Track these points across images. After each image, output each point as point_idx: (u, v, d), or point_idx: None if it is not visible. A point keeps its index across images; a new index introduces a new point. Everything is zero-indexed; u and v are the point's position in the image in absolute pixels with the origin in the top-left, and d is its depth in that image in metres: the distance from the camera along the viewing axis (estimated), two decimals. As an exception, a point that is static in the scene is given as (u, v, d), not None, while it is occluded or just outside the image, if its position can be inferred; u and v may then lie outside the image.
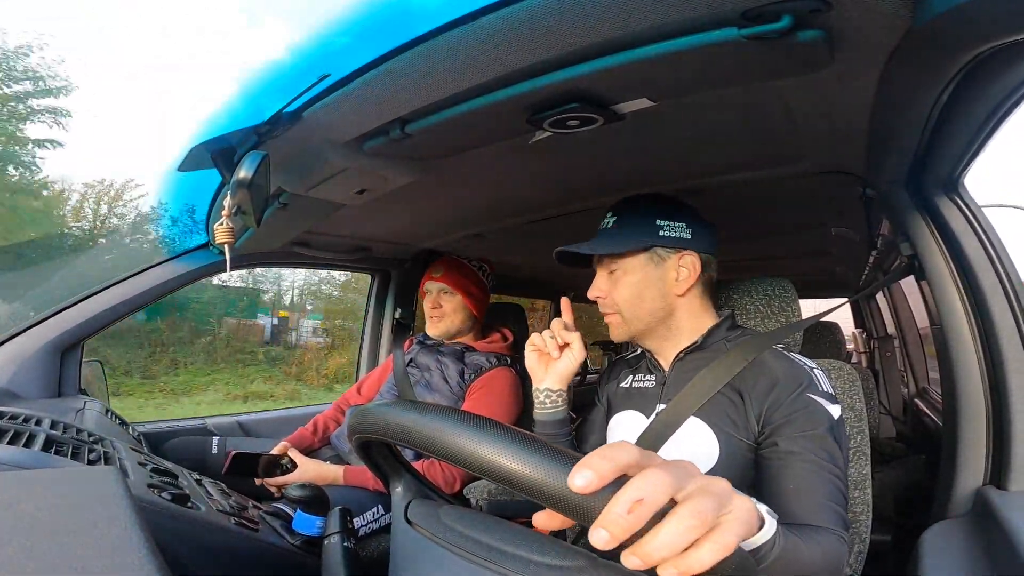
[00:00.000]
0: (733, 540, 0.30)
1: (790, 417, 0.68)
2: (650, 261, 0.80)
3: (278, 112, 0.75)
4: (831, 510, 0.61)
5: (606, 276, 0.84)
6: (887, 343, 2.87)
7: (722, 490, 0.32)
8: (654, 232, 0.79)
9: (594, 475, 0.28)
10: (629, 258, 0.81)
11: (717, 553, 0.29)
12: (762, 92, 0.70)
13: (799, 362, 0.74)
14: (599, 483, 0.28)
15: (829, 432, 0.66)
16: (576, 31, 0.53)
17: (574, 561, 0.38)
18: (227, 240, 0.82)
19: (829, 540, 0.58)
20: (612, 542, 0.27)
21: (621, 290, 0.82)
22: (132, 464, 0.73)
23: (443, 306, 1.40)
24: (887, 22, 0.49)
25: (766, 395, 0.71)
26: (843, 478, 0.64)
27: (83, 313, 1.22)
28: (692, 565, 0.29)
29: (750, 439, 0.71)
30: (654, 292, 0.80)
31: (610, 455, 0.29)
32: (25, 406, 0.88)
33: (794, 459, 0.65)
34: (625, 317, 0.82)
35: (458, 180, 1.11)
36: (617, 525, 0.27)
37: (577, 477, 0.28)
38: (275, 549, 0.75)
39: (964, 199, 0.81)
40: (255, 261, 1.58)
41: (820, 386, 0.70)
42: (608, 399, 0.93)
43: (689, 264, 0.80)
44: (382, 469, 0.57)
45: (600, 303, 0.85)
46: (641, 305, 0.81)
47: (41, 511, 0.42)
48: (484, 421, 0.35)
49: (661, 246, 0.80)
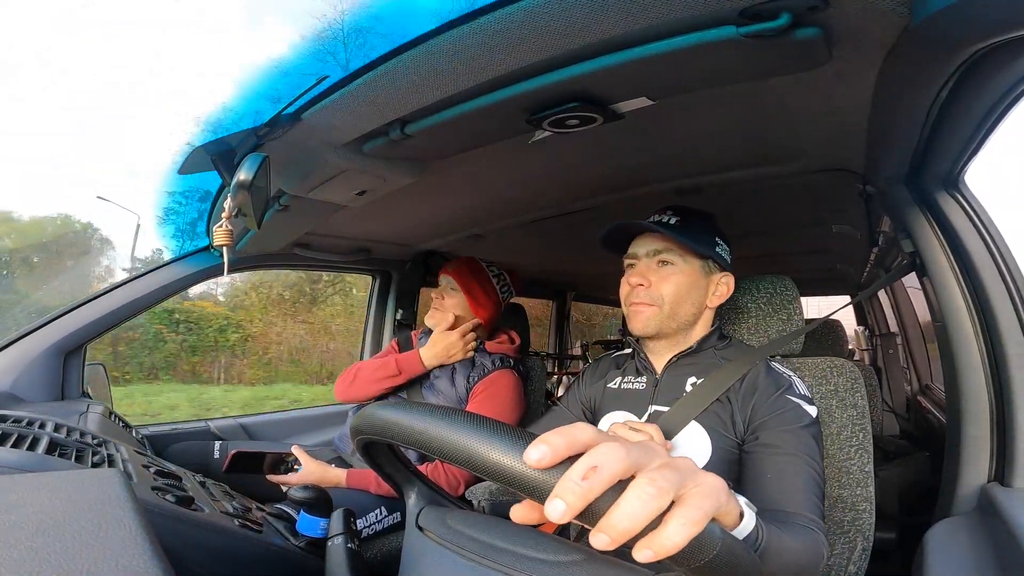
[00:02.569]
0: (700, 515, 0.29)
1: (771, 415, 0.73)
2: (703, 269, 0.84)
3: (277, 114, 0.76)
4: (808, 499, 0.64)
5: (654, 266, 0.84)
6: (889, 340, 2.86)
7: (685, 465, 0.32)
8: (713, 246, 0.84)
9: (548, 449, 0.28)
10: (688, 258, 0.82)
11: (687, 528, 0.28)
12: (761, 90, 0.70)
13: (779, 371, 0.80)
14: (553, 458, 0.28)
15: (806, 429, 0.71)
16: (575, 31, 0.53)
17: (571, 556, 0.39)
18: (226, 243, 0.83)
19: (808, 533, 0.60)
20: (568, 512, 0.27)
21: (669, 284, 0.82)
22: (136, 467, 0.73)
23: (444, 300, 1.39)
24: (885, 20, 0.49)
25: (750, 399, 0.76)
26: (820, 472, 0.68)
27: (85, 316, 1.22)
28: (664, 543, 0.28)
29: (737, 439, 0.76)
30: (695, 298, 0.83)
31: (566, 432, 0.30)
32: (28, 409, 0.89)
33: (774, 451, 0.70)
34: (665, 311, 0.83)
35: (458, 180, 1.11)
36: (571, 492, 0.27)
37: (532, 451, 0.29)
38: (279, 551, 0.75)
39: (965, 195, 0.81)
40: (255, 263, 1.58)
41: (797, 389, 0.76)
42: (594, 399, 0.94)
43: (726, 284, 0.86)
44: (394, 479, 0.58)
45: (638, 292, 0.83)
46: (682, 305, 0.83)
47: (45, 514, 0.42)
48: (450, 411, 0.36)
49: (715, 260, 0.84)
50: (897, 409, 2.49)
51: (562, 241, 1.76)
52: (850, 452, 0.86)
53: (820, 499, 0.66)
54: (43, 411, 0.85)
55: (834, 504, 0.85)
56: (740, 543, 0.33)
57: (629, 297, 0.85)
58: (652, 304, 0.83)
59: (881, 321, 3.14)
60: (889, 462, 1.63)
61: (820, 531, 0.61)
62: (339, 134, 0.81)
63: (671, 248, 0.82)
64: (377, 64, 0.64)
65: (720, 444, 0.76)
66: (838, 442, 0.87)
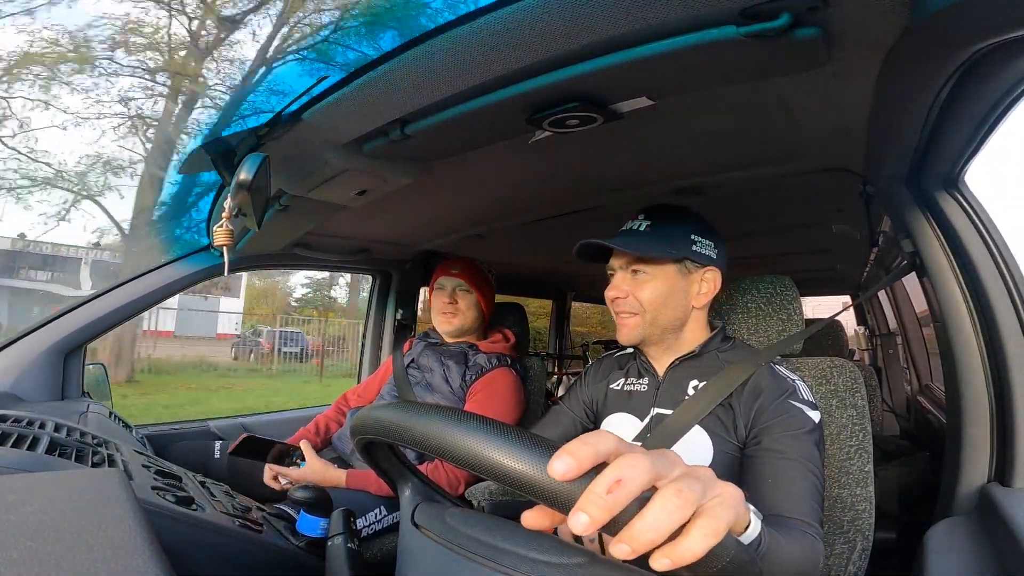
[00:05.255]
0: (722, 525, 0.29)
1: (774, 419, 0.73)
2: (679, 271, 0.82)
3: (277, 114, 0.76)
4: (808, 504, 0.65)
5: (628, 277, 0.84)
6: (890, 340, 2.86)
7: (706, 475, 0.32)
8: (688, 245, 0.82)
9: (574, 461, 0.28)
10: (661, 264, 0.82)
11: (707, 539, 0.28)
12: (761, 90, 0.70)
13: (784, 375, 0.79)
14: (578, 470, 0.28)
15: (809, 435, 0.71)
16: (575, 31, 0.53)
17: (574, 558, 0.39)
18: (227, 242, 0.83)
19: (806, 539, 0.60)
20: (592, 525, 0.27)
21: (646, 292, 0.82)
22: (136, 467, 0.73)
23: (458, 303, 1.39)
24: (885, 20, 0.49)
25: (753, 403, 0.76)
26: (820, 477, 0.68)
27: (86, 316, 1.22)
28: (683, 553, 0.28)
29: (739, 442, 0.76)
30: (676, 301, 0.83)
31: (591, 441, 0.29)
32: (29, 409, 0.88)
33: (776, 456, 0.69)
34: (646, 320, 0.83)
35: (458, 181, 1.11)
36: (596, 506, 0.27)
37: (557, 463, 0.28)
38: (279, 550, 0.76)
39: (965, 195, 0.81)
40: (255, 263, 1.58)
41: (801, 395, 0.76)
42: (596, 400, 0.94)
43: (711, 279, 0.84)
44: (389, 474, 0.57)
45: (618, 303, 0.84)
46: (664, 311, 0.82)
47: (45, 514, 0.42)
48: (468, 416, 0.35)
49: (692, 260, 0.82)
50: (897, 409, 2.49)
51: (562, 241, 1.75)
52: (850, 452, 0.86)
53: (819, 505, 0.66)
54: (43, 411, 0.85)
55: (834, 504, 0.85)
56: (748, 551, 0.33)
57: (612, 307, 0.86)
58: (634, 313, 0.83)
59: (881, 321, 3.14)
60: (889, 462, 1.63)
61: (818, 538, 0.62)
62: (339, 134, 0.81)
63: (640, 258, 0.82)
64: (377, 64, 0.64)
65: (722, 447, 0.76)
66: (838, 442, 0.87)
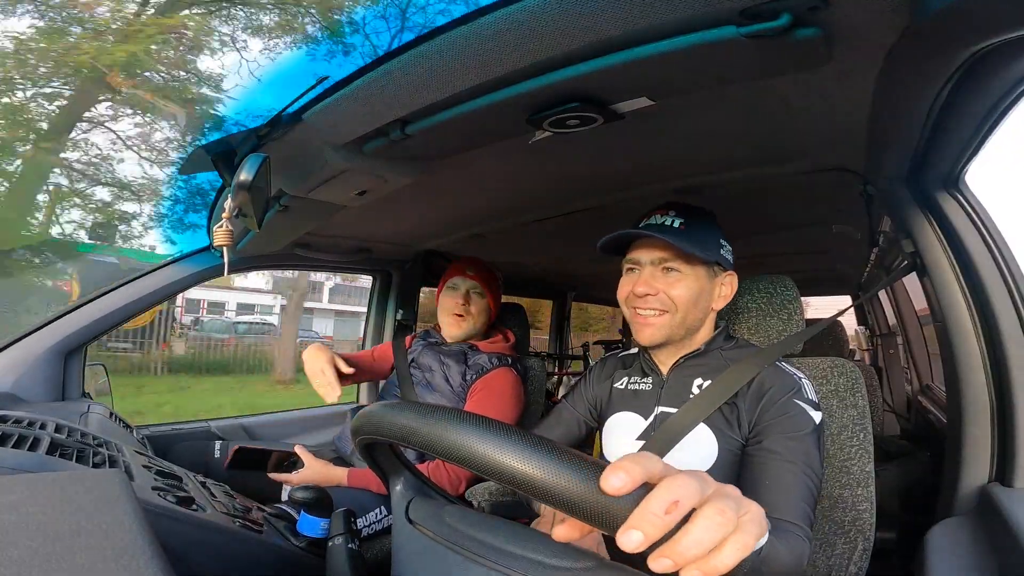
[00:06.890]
0: (752, 540, 0.31)
1: (777, 419, 0.73)
2: (708, 273, 0.82)
3: (278, 114, 0.76)
4: (801, 508, 0.66)
5: (659, 273, 0.81)
6: (890, 340, 2.86)
7: (735, 493, 0.33)
8: (717, 248, 0.82)
9: (628, 477, 0.29)
10: (693, 264, 0.81)
11: (739, 553, 0.30)
12: (761, 90, 0.70)
13: (789, 371, 0.79)
14: (632, 486, 0.29)
15: (810, 436, 0.71)
16: (575, 31, 0.53)
17: (581, 562, 0.38)
18: (227, 243, 0.83)
19: (796, 541, 0.62)
20: (645, 543, 0.28)
21: (679, 290, 0.80)
22: (137, 467, 0.73)
23: (470, 306, 1.37)
24: (885, 20, 0.49)
25: (758, 401, 0.76)
26: (817, 481, 0.69)
27: (86, 317, 1.22)
28: (716, 566, 0.29)
29: (741, 439, 0.76)
30: (704, 302, 0.83)
31: (642, 461, 0.30)
32: (29, 410, 0.88)
33: (776, 458, 0.70)
34: (676, 319, 0.81)
35: (458, 181, 1.11)
36: (653, 525, 0.28)
37: (613, 478, 0.29)
38: (279, 551, 0.76)
39: (965, 195, 0.81)
40: (256, 264, 1.58)
41: (806, 393, 0.76)
42: (600, 399, 0.94)
43: (730, 283, 0.85)
44: (382, 467, 0.56)
45: (646, 300, 0.81)
46: (693, 311, 0.82)
47: (46, 514, 0.42)
48: (499, 425, 0.34)
49: (719, 263, 0.83)
50: (898, 409, 2.49)
51: (562, 241, 1.76)
52: (851, 452, 0.86)
53: (812, 508, 0.67)
54: (44, 412, 0.85)
55: (834, 504, 0.85)
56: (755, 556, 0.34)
57: (630, 303, 0.83)
58: (664, 311, 0.81)
59: (881, 321, 3.14)
60: (890, 462, 1.63)
61: (807, 540, 0.63)
62: (339, 134, 0.81)
63: (677, 255, 0.80)
64: (377, 64, 0.64)
65: (726, 445, 0.76)
66: (839, 442, 0.87)
